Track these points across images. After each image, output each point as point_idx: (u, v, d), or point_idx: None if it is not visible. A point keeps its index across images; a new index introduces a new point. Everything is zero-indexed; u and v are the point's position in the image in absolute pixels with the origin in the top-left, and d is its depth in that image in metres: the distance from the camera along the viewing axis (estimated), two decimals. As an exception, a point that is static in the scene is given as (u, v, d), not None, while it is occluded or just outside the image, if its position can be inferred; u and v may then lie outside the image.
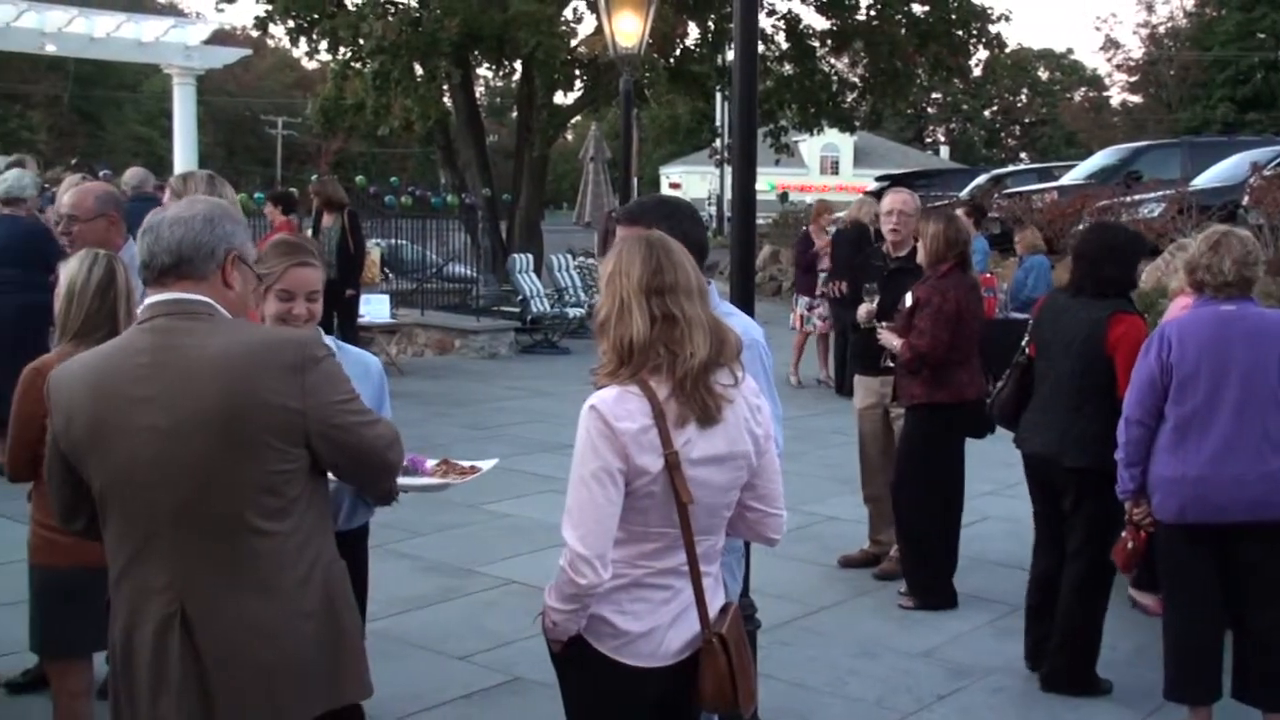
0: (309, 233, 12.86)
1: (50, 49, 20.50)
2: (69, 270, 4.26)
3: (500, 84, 43.36)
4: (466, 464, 4.34)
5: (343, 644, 3.04)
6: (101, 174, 12.58)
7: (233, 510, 2.85)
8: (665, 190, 52.73)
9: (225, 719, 2.88)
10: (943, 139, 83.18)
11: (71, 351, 4.13)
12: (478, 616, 6.51)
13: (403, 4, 21.45)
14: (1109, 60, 56.25)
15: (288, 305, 3.88)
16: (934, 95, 70.52)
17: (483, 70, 26.37)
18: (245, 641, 2.88)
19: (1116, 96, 71.34)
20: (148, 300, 2.98)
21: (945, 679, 5.80)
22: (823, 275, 13.90)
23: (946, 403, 6.61)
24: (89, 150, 52.05)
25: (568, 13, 22.84)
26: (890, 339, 6.73)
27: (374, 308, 15.47)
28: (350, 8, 21.42)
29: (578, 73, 22.68)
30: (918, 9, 24.11)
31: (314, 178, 15.21)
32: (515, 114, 26.94)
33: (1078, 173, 22.42)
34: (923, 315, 6.52)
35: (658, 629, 3.09)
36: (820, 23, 25.23)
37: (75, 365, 3.02)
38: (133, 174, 10.38)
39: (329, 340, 4.07)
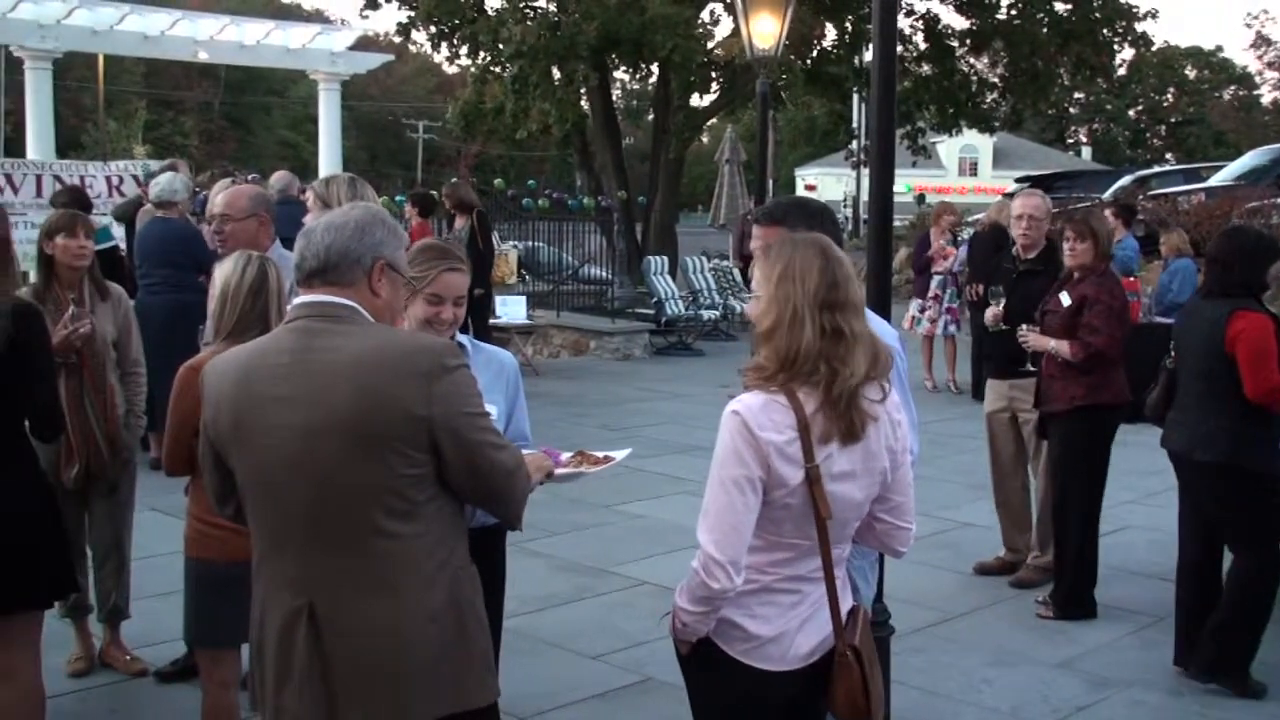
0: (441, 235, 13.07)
1: (203, 56, 21.12)
2: (223, 271, 4.38)
3: (637, 87, 43.59)
4: (600, 454, 4.37)
5: (468, 648, 3.03)
6: (250, 178, 12.92)
7: (360, 511, 2.88)
8: (800, 192, 52.46)
9: (345, 716, 2.92)
10: (1085, 139, 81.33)
11: (224, 350, 4.26)
12: (610, 616, 6.55)
13: (541, 9, 21.67)
14: (1260, 58, 54.17)
15: (436, 309, 3.91)
16: (1076, 95, 68.98)
17: (620, 73, 26.53)
18: (369, 640, 2.91)
19: (1267, 95, 69.02)
20: (295, 300, 3.03)
21: (1084, 690, 5.68)
22: (937, 278, 13.74)
23: (1110, 404, 6.49)
24: (237, 154, 53.55)
25: (704, 15, 22.90)
26: (1043, 341, 6.58)
27: (511, 309, 15.66)
28: (490, 13, 21.71)
29: (714, 75, 22.70)
30: (1060, 7, 23.65)
31: (452, 180, 15.42)
32: (651, 117, 26.99)
33: (1226, 174, 21.81)
34: (1094, 313, 6.39)
35: (786, 633, 3.08)
36: (959, 22, 24.92)
37: (227, 358, 3.11)
38: (279, 178, 10.67)
39: (464, 339, 4.13)
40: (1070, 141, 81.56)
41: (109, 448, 5.46)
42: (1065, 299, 6.53)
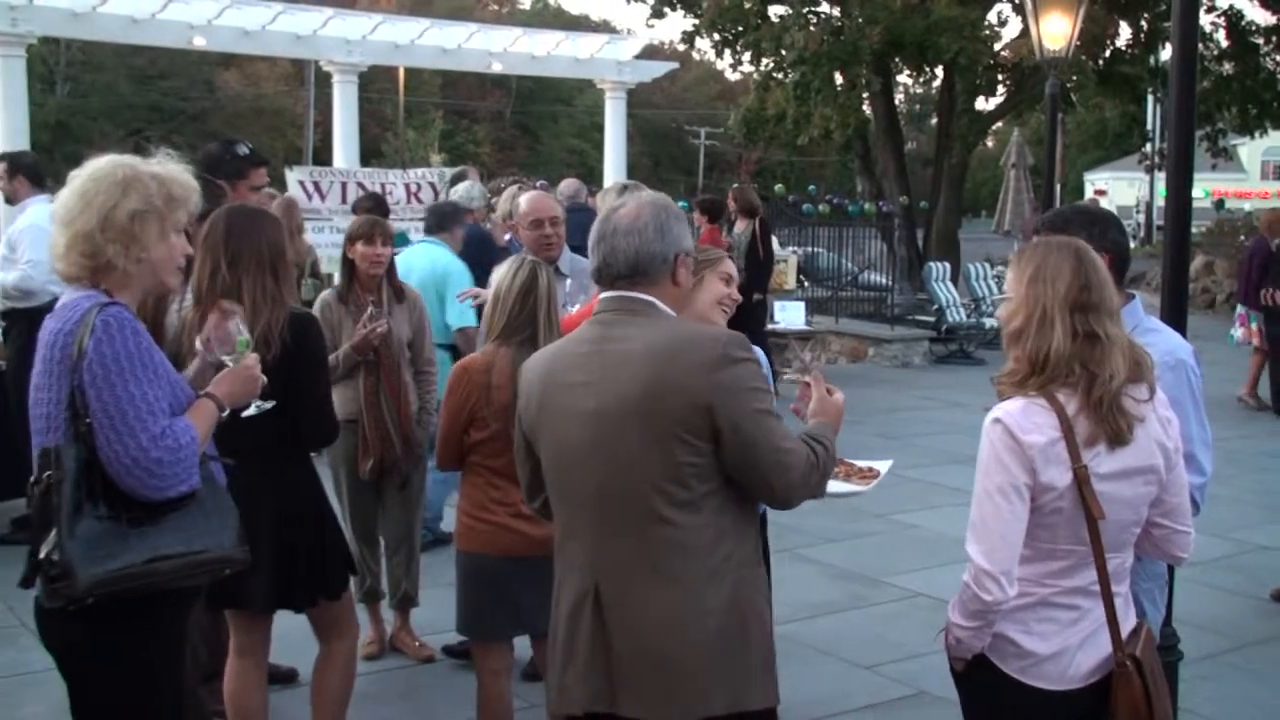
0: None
1: (496, 68, 21.82)
2: (497, 275, 4.53)
3: (920, 90, 42.94)
4: (863, 464, 4.33)
5: (748, 649, 3.01)
6: (538, 184, 13.31)
7: (643, 496, 2.93)
8: (1089, 198, 50.61)
9: (624, 703, 2.97)
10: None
11: (495, 351, 4.41)
12: (884, 627, 6.48)
13: (825, 14, 21.59)
14: None
15: (729, 289, 4.07)
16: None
17: (902, 77, 26.20)
18: (647, 628, 2.95)
19: None
20: (600, 296, 3.14)
21: (1395, 731, 5.32)
22: None
23: None
24: (526, 161, 55.18)
25: (991, 16, 22.37)
26: None
27: (789, 314, 15.65)
28: (773, 20, 21.75)
29: (1000, 77, 22.14)
30: (1380, -2, 22.11)
31: (733, 186, 15.54)
32: (935, 120, 26.57)
33: None
34: None
35: (1066, 650, 2.99)
36: (1264, 18, 23.54)
37: (541, 352, 3.28)
38: (568, 184, 10.95)
39: None
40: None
41: (402, 443, 5.72)
42: None
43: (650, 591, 2.95)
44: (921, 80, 25.89)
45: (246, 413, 3.56)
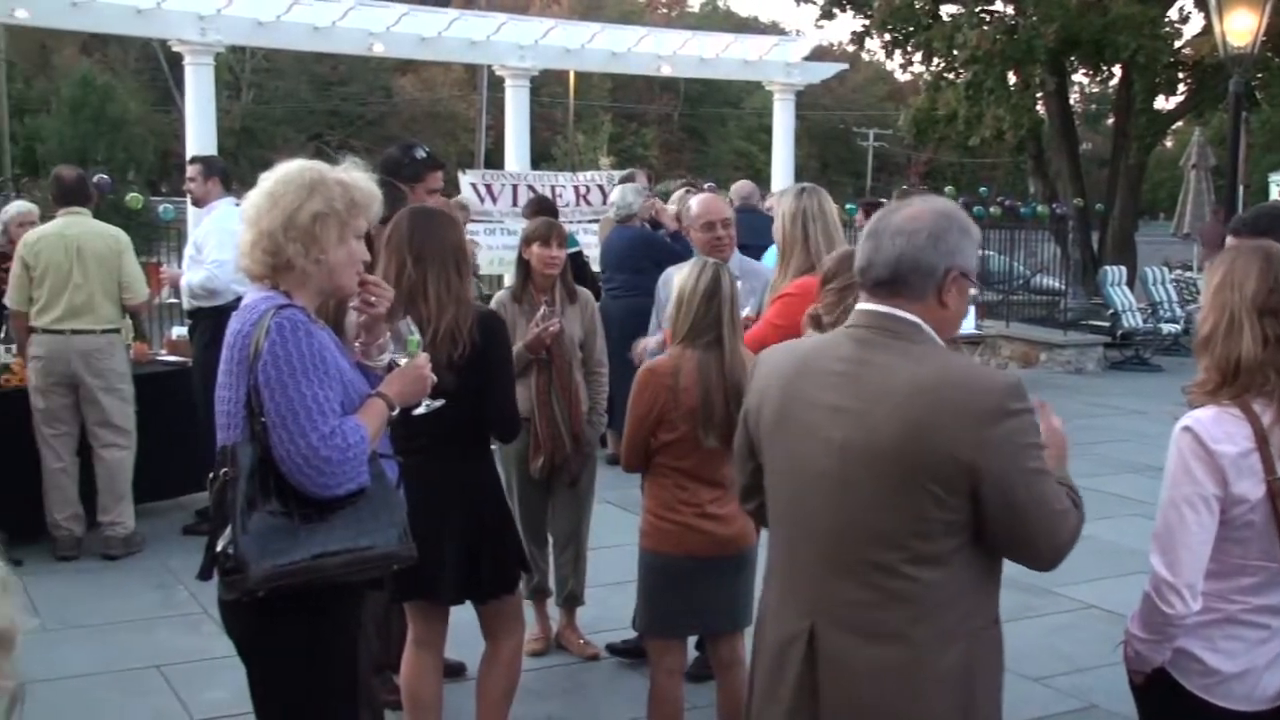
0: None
1: (665, 70, 21.90)
2: (680, 277, 4.57)
3: (1096, 90, 41.85)
4: None
5: (973, 718, 2.72)
6: (706, 186, 13.35)
7: (879, 546, 2.65)
8: (1273, 199, 48.71)
9: None
10: None
11: (680, 354, 4.45)
12: (1054, 638, 6.36)
13: (998, 12, 21.21)
14: None
15: None
16: None
17: (1078, 76, 25.59)
18: (866, 685, 2.69)
19: None
20: (859, 306, 2.84)
21: None
22: None
23: None
24: (694, 164, 55.29)
25: (1172, 13, 21.70)
26: None
27: (959, 318, 15.40)
28: (945, 19, 21.46)
29: (1181, 75, 21.49)
30: None
31: (901, 188, 15.36)
32: (1111, 120, 25.88)
33: None
34: None
35: (1252, 670, 2.90)
36: None
37: (781, 351, 3.01)
38: (740, 187, 11.00)
39: None
40: None
41: (573, 442, 5.80)
42: None
43: (873, 647, 2.67)
44: (1098, 79, 25.23)
45: (417, 411, 3.65)
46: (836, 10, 23.26)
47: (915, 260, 2.69)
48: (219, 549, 3.13)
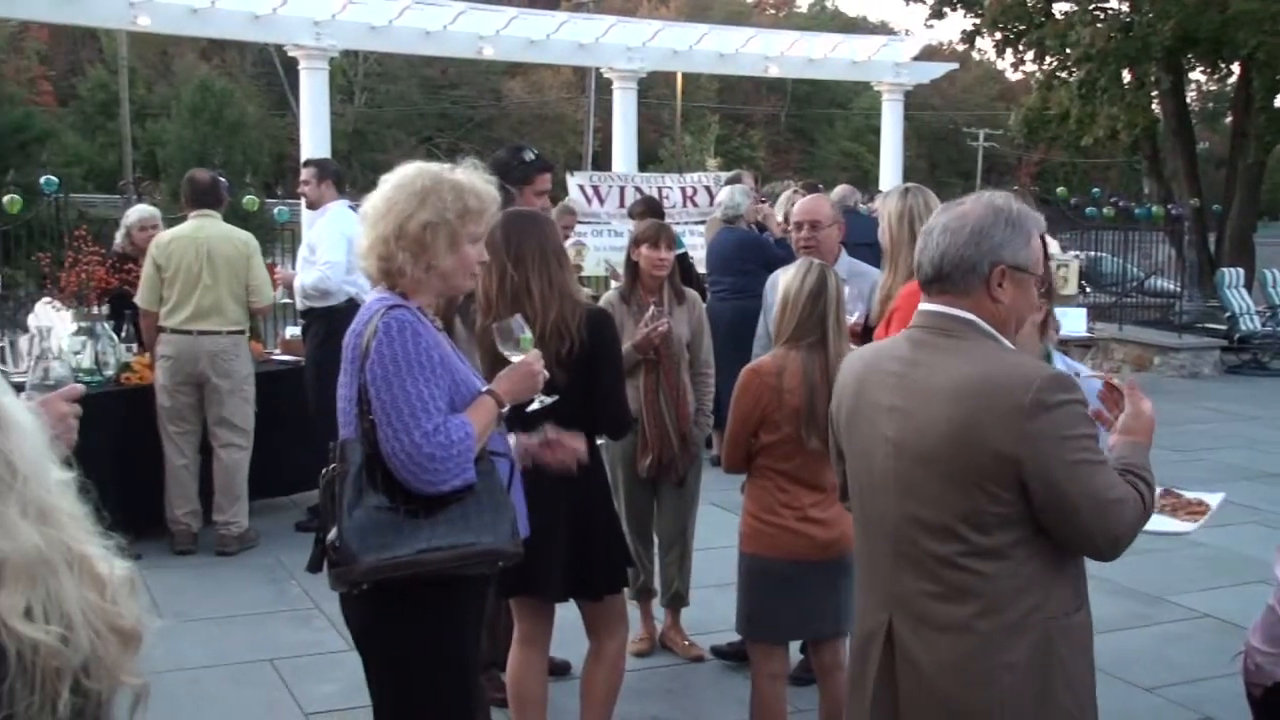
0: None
1: (773, 71, 21.85)
2: (786, 279, 4.56)
3: (1214, 88, 40.91)
4: (1191, 496, 4.11)
5: (1047, 706, 2.74)
6: (798, 188, 13.31)
7: (938, 540, 2.72)
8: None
9: None
10: None
11: (785, 355, 4.45)
12: (1167, 648, 6.24)
13: (1113, 9, 20.84)
14: None
15: (1045, 312, 3.92)
16: None
17: (1195, 74, 25.05)
18: (935, 675, 2.75)
19: None
20: (919, 306, 2.90)
21: None
22: None
23: None
24: (801, 165, 55.05)
25: (1295, 8, 21.13)
26: None
27: (1070, 321, 15.15)
28: (1058, 17, 21.13)
29: (1303, 73, 20.92)
30: None
31: (1012, 188, 15.18)
32: (1229, 119, 25.26)
33: None
34: None
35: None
36: None
37: (856, 354, 3.15)
38: (840, 190, 10.94)
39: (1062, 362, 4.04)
40: None
41: (680, 442, 5.82)
42: None
43: (942, 637, 2.74)
44: (1216, 77, 24.67)
45: (530, 408, 3.68)
46: (946, 9, 22.99)
47: (958, 257, 2.75)
48: (327, 541, 3.21)
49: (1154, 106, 21.66)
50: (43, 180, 12.95)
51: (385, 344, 3.21)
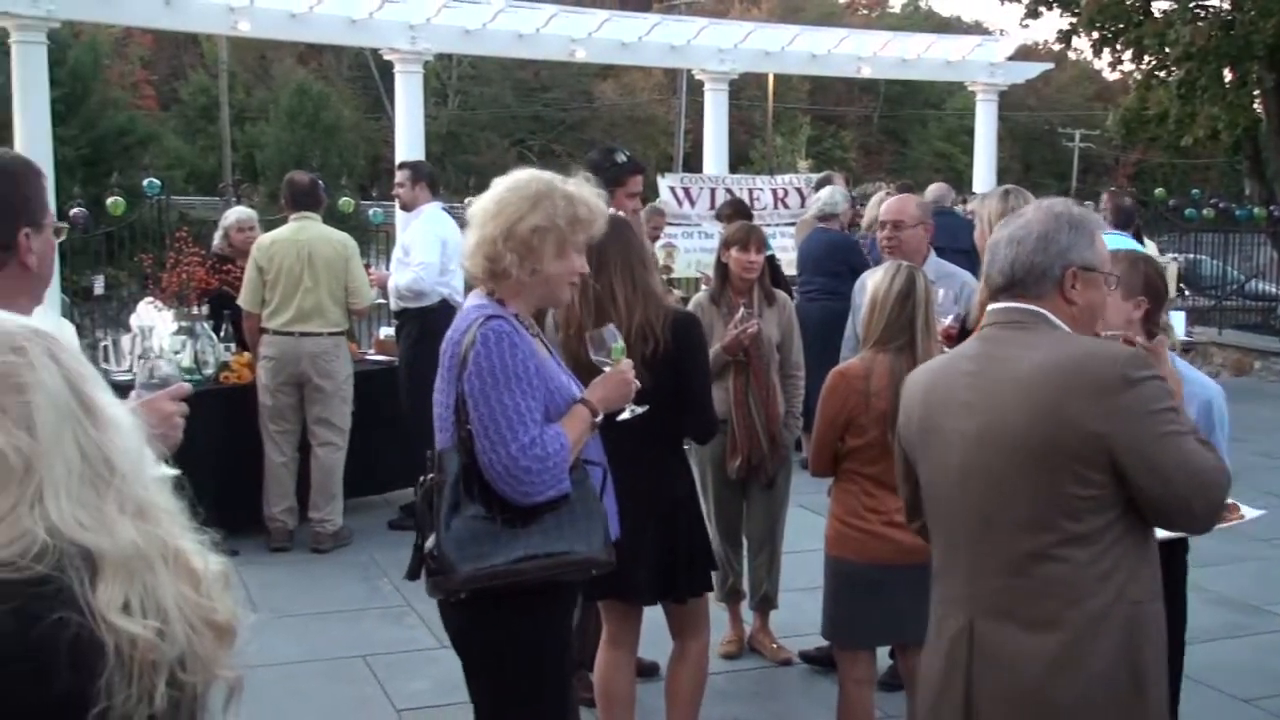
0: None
1: (865, 72, 21.67)
2: (874, 280, 4.55)
3: (1320, 87, 40.02)
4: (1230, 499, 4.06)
5: (1141, 698, 2.74)
6: (887, 189, 13.22)
7: (1025, 531, 2.72)
8: None
9: None
10: None
11: (872, 357, 4.43)
12: (1265, 658, 6.13)
13: (1214, 7, 20.44)
14: None
15: (1140, 310, 3.88)
16: None
17: (1299, 73, 24.44)
18: (1019, 673, 2.75)
19: None
20: (989, 307, 2.95)
21: None
22: None
23: None
24: (893, 166, 54.62)
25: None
26: None
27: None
28: (1157, 15, 20.77)
29: None
30: None
31: (1110, 189, 14.96)
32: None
33: None
34: None
35: None
36: None
37: (923, 367, 3.16)
38: (934, 189, 10.85)
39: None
40: None
41: (769, 444, 5.81)
42: None
43: (1025, 634, 2.74)
44: (1321, 76, 24.07)
45: (621, 416, 3.71)
46: (1042, 8, 22.68)
47: (1028, 264, 2.82)
48: (426, 550, 3.26)
49: (1256, 106, 21.19)
50: (145, 183, 13.25)
51: (483, 355, 3.26)
